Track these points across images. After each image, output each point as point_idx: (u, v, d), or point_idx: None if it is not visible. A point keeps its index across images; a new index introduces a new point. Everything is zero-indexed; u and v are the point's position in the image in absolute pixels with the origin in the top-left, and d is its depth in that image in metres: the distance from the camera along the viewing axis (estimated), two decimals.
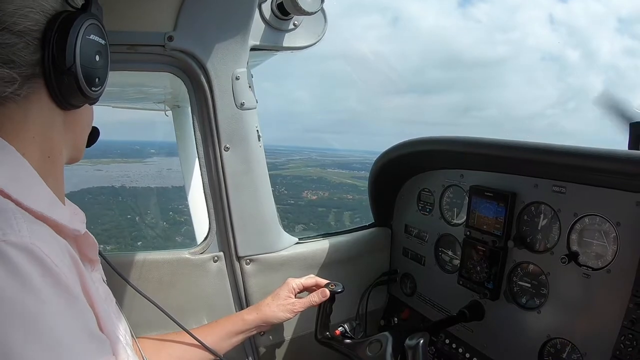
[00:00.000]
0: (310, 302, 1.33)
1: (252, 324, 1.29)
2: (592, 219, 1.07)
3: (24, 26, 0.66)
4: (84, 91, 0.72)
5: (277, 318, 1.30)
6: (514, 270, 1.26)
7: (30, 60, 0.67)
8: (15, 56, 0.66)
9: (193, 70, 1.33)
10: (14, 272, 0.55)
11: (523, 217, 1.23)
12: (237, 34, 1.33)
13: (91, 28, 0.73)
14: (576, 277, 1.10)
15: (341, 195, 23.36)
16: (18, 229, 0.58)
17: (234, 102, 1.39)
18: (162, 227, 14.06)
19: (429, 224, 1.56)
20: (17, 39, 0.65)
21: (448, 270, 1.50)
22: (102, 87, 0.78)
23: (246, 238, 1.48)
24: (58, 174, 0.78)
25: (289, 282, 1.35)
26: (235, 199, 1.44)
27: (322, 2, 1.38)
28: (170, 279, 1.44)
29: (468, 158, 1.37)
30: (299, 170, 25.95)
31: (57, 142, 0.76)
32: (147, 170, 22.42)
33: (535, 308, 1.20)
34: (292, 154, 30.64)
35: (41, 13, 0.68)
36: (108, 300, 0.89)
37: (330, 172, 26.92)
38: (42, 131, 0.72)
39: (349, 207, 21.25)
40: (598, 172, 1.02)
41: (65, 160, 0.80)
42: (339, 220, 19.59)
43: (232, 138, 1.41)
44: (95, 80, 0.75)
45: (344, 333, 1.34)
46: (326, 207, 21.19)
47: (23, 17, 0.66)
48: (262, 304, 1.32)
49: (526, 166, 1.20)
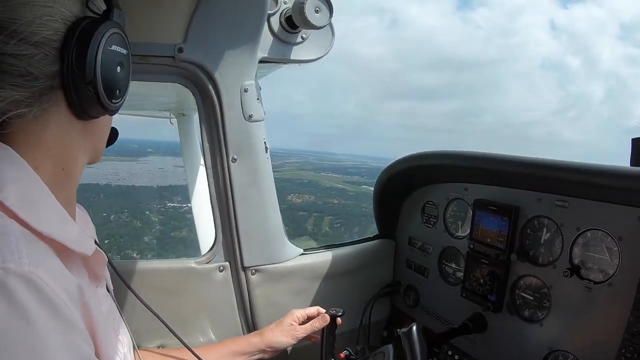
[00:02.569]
0: (312, 328, 1.34)
1: (257, 347, 1.30)
2: (594, 234, 1.10)
3: (43, 36, 0.63)
4: (104, 104, 0.70)
5: (279, 343, 1.31)
6: (516, 283, 1.28)
7: (49, 72, 0.64)
8: (32, 68, 0.63)
9: (202, 82, 1.35)
10: (10, 303, 0.52)
11: (526, 231, 1.26)
12: (246, 46, 1.35)
13: (113, 38, 0.70)
14: (578, 290, 1.12)
15: (327, 199, 23.14)
16: (19, 255, 0.55)
17: (242, 114, 1.41)
18: (133, 227, 13.84)
19: (433, 236, 1.58)
20: (35, 49, 0.62)
21: (451, 282, 1.52)
22: (123, 99, 0.77)
23: (252, 248, 1.49)
24: (71, 186, 0.76)
25: (293, 312, 1.36)
26: (241, 210, 1.46)
27: (330, 17, 1.42)
28: (175, 288, 1.45)
29: (472, 172, 1.40)
30: (292, 173, 25.85)
31: (73, 152, 0.73)
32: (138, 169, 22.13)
33: (537, 320, 1.22)
34: (290, 157, 30.60)
35: (61, 21, 0.65)
36: (110, 317, 0.87)
37: (323, 176, 26.79)
38: (58, 143, 0.70)
39: (331, 211, 20.97)
40: (600, 187, 1.05)
41: (82, 167, 0.78)
42: (316, 225, 19.29)
43: (240, 149, 1.43)
44: (116, 92, 0.73)
45: (349, 356, 1.35)
46: (307, 212, 20.94)
47: (42, 27, 0.62)
48: (266, 329, 1.34)
49: (529, 181, 1.23)
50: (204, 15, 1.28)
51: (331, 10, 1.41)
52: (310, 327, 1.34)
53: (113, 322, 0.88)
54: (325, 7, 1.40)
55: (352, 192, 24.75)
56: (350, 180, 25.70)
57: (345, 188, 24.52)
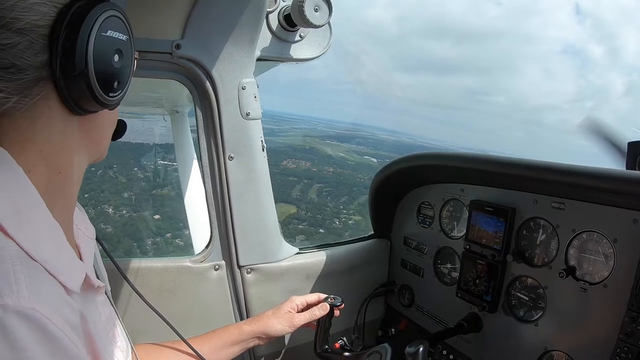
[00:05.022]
0: (311, 316, 1.32)
1: (250, 335, 1.27)
2: (590, 235, 1.11)
3: (28, 22, 0.55)
4: (100, 98, 0.63)
5: (275, 331, 1.28)
6: (512, 283, 1.29)
7: (36, 63, 0.57)
8: (16, 59, 0.56)
9: (199, 79, 1.34)
10: (10, 343, 0.49)
11: (522, 232, 1.27)
12: (244, 44, 1.34)
13: (109, 22, 0.62)
14: (573, 291, 1.13)
15: (322, 167, 22.94)
16: (17, 288, 0.52)
17: (240, 111, 1.40)
18: (116, 182, 13.66)
19: (429, 236, 1.59)
20: (19, 37, 0.55)
21: (446, 282, 1.53)
22: (123, 91, 0.69)
23: (247, 247, 1.49)
24: (70, 192, 0.70)
25: (293, 299, 1.34)
26: (237, 208, 1.45)
27: (329, 16, 1.41)
28: (170, 287, 1.43)
29: (468, 173, 1.41)
30: (296, 139, 25.55)
31: (70, 153, 0.67)
32: (140, 126, 21.78)
33: (532, 321, 1.23)
34: (299, 123, 30.12)
35: (50, 3, 0.57)
36: (109, 326, 0.83)
37: (327, 144, 26.54)
38: (51, 144, 0.63)
39: (323, 179, 20.74)
40: (596, 190, 1.06)
41: (82, 168, 0.72)
42: (303, 191, 19.08)
43: (237, 147, 1.42)
44: (113, 84, 0.65)
45: (343, 346, 1.35)
46: (298, 177, 20.77)
47: (26, 10, 0.55)
48: (263, 316, 1.30)
49: (526, 183, 1.24)
50: (202, 11, 1.26)
51: (330, 9, 1.40)
52: (309, 315, 1.32)
53: (112, 329, 0.85)
54: (324, 6, 1.39)
55: (352, 162, 24.56)
56: (354, 149, 25.40)
57: (346, 157, 24.26)
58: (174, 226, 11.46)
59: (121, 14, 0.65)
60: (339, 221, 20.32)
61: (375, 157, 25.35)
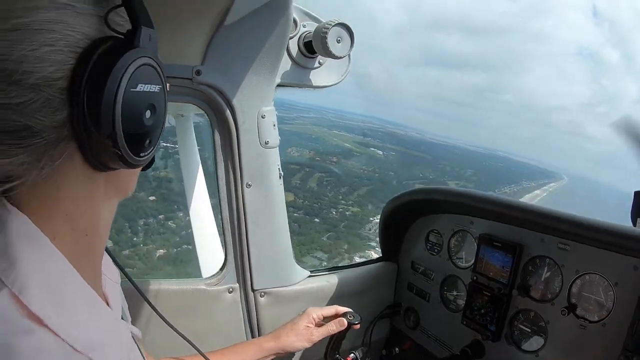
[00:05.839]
0: (328, 332, 1.35)
1: (269, 352, 1.31)
2: (592, 277, 1.20)
3: (42, 75, 0.47)
4: (129, 160, 0.55)
5: (294, 348, 1.32)
6: (516, 315, 1.37)
7: (53, 122, 0.49)
8: (30, 119, 0.48)
9: (219, 106, 1.34)
10: None
11: (528, 268, 1.35)
12: (265, 71, 1.34)
13: (140, 73, 0.53)
14: (573, 327, 1.22)
15: (326, 157, 22.56)
16: None
17: (259, 140, 1.41)
18: None
19: (436, 263, 1.66)
20: (32, 94, 0.47)
21: (452, 309, 1.60)
22: (154, 149, 0.60)
23: (261, 271, 1.52)
24: (99, 249, 0.66)
25: (310, 312, 1.36)
26: (253, 234, 1.48)
27: (351, 48, 1.41)
28: (184, 308, 1.46)
29: (479, 209, 1.49)
30: (304, 127, 25.14)
31: (97, 211, 0.61)
32: None
33: (533, 351, 1.32)
34: (307, 111, 29.72)
35: (67, 50, 0.48)
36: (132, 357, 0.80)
37: (334, 134, 26.08)
38: (77, 204, 0.57)
39: (325, 169, 20.35)
40: (600, 242, 1.15)
41: (109, 221, 0.66)
42: (303, 180, 18.77)
43: (254, 175, 1.43)
44: (144, 144, 0.57)
45: None
46: (300, 165, 20.51)
47: (39, 61, 0.46)
48: (281, 333, 1.33)
49: (533, 224, 1.32)
50: (224, 38, 1.25)
51: (352, 40, 1.40)
52: (326, 330, 1.34)
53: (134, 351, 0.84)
54: (347, 37, 1.39)
55: (357, 153, 24.26)
56: (361, 141, 25.09)
57: (352, 148, 24.00)
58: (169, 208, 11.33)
59: (153, 60, 0.56)
60: (336, 211, 20.18)
61: (382, 150, 25.09)
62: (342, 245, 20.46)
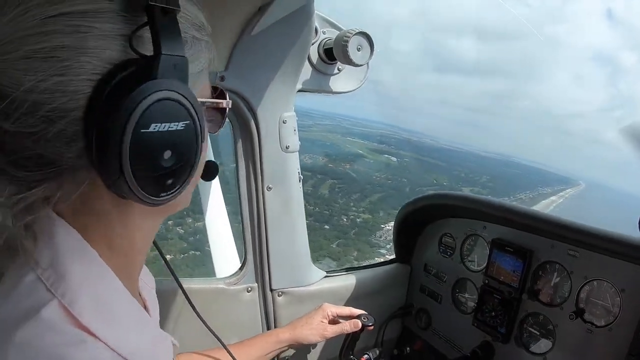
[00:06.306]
0: (342, 330, 1.40)
1: (285, 343, 1.36)
2: (600, 283, 1.25)
3: (53, 106, 0.44)
4: (146, 200, 0.50)
5: (308, 340, 1.37)
6: (525, 318, 1.42)
7: (69, 153, 0.47)
8: (45, 150, 0.46)
9: (242, 112, 1.36)
10: None
11: (538, 273, 1.40)
12: (287, 78, 1.38)
13: (156, 110, 0.45)
14: (581, 331, 1.26)
15: (339, 163, 22.37)
16: None
17: (280, 145, 1.45)
18: None
19: (449, 266, 1.72)
20: (44, 124, 0.44)
21: (463, 310, 1.65)
22: (181, 187, 0.53)
23: (280, 272, 1.57)
24: (137, 265, 0.66)
25: (325, 307, 1.41)
26: (273, 236, 1.53)
27: (370, 56, 1.44)
28: (204, 306, 1.50)
29: (491, 215, 1.54)
30: (319, 134, 25.17)
31: (132, 232, 0.60)
32: None
33: (542, 354, 1.36)
34: (323, 119, 29.76)
35: (81, 79, 0.44)
36: None
37: (348, 141, 26.02)
38: (112, 228, 0.57)
39: (337, 175, 20.15)
40: (609, 251, 1.20)
41: (151, 236, 0.66)
42: (315, 186, 18.59)
43: (275, 179, 1.48)
44: (162, 185, 0.51)
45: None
46: (312, 172, 20.40)
47: (51, 92, 0.43)
48: (297, 325, 1.38)
49: (544, 232, 1.37)
50: (247, 44, 1.28)
51: (372, 49, 1.43)
52: (339, 329, 1.39)
53: None
54: (367, 45, 1.42)
55: (370, 160, 24.15)
56: (375, 148, 25.03)
57: (365, 155, 23.91)
58: None
59: (177, 93, 0.47)
60: (347, 218, 20.08)
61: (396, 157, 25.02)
62: (351, 253, 20.37)
